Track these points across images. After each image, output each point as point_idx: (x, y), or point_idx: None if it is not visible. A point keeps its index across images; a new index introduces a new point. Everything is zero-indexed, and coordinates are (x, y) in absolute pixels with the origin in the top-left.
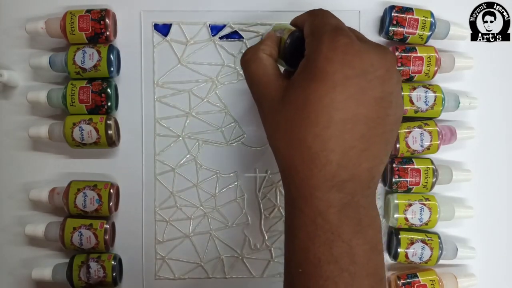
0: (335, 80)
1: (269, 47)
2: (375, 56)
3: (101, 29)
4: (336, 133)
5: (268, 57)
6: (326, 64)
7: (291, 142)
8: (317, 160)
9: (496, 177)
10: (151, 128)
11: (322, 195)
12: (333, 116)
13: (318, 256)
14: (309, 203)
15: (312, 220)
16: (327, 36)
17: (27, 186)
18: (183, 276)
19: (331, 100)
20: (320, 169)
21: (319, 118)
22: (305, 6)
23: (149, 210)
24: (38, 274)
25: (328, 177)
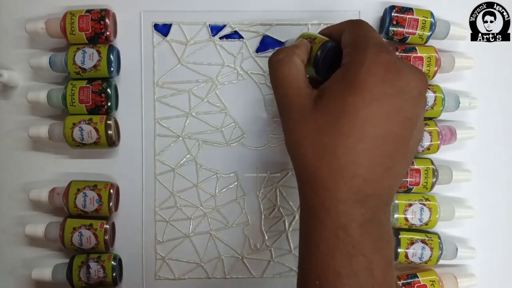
0: (373, 95)
1: (303, 54)
2: (412, 77)
3: (101, 29)
4: (367, 147)
5: (301, 63)
6: (367, 77)
7: (320, 152)
8: (345, 172)
9: (496, 177)
10: (151, 128)
11: (345, 209)
12: (366, 130)
13: (338, 269)
14: (332, 216)
15: (334, 233)
16: (372, 50)
17: (27, 186)
18: (183, 276)
19: (367, 114)
20: (346, 182)
21: (353, 130)
22: (305, 6)
23: (149, 210)
24: (38, 274)
25: (354, 191)
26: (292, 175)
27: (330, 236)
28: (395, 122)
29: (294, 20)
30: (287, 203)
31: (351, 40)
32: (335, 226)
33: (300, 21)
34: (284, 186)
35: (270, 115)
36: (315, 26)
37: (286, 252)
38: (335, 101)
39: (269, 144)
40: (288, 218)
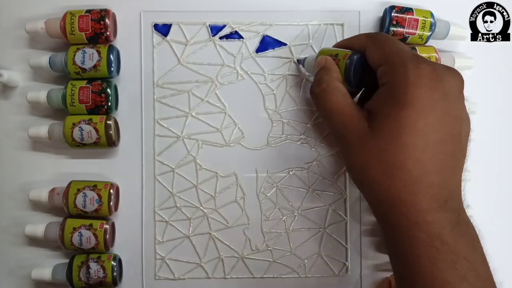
0: (424, 105)
1: (338, 74)
2: (451, 78)
3: (101, 29)
4: (433, 154)
5: (342, 86)
6: (414, 90)
7: (389, 170)
8: (420, 184)
9: (496, 178)
10: (151, 129)
11: (433, 218)
12: (429, 138)
13: (447, 279)
14: (423, 229)
15: (431, 245)
16: (412, 65)
17: (26, 186)
18: (183, 277)
19: (425, 124)
20: (425, 192)
21: (416, 142)
22: (305, 6)
23: (149, 211)
24: (38, 274)
25: (434, 199)
26: (292, 175)
27: (429, 249)
28: (448, 123)
29: (294, 20)
30: (287, 203)
31: (383, 58)
32: (430, 237)
33: (300, 21)
34: (284, 186)
35: (270, 115)
36: (315, 27)
37: (287, 252)
38: (390, 119)
39: (269, 144)
40: (288, 218)
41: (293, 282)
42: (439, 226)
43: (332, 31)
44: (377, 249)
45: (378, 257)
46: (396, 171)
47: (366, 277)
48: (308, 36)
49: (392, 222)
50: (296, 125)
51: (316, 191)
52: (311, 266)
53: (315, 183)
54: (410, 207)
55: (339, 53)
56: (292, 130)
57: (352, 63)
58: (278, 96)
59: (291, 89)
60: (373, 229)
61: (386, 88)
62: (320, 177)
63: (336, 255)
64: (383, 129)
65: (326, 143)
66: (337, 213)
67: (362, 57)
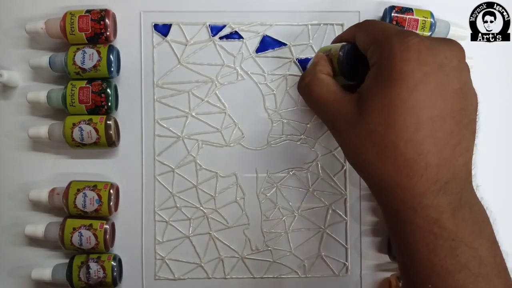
0: (415, 80)
1: (325, 67)
2: (446, 48)
3: (101, 30)
4: (427, 133)
5: (327, 77)
6: (403, 65)
7: (382, 153)
8: (415, 165)
9: (496, 178)
10: (151, 129)
11: (431, 202)
12: (421, 116)
13: (446, 267)
14: (420, 214)
15: (429, 230)
16: (397, 38)
17: (27, 186)
18: (183, 277)
19: (416, 100)
20: (421, 174)
21: (408, 121)
22: (305, 7)
23: (149, 211)
24: (38, 274)
25: (432, 181)
26: (292, 175)
27: (427, 235)
28: (446, 97)
29: (294, 20)
30: (287, 203)
31: (369, 39)
32: (427, 223)
33: (300, 22)
34: (284, 186)
35: (270, 115)
36: (315, 27)
37: (287, 252)
38: (379, 99)
39: (269, 144)
40: (288, 218)
41: (293, 282)
42: (438, 210)
43: (332, 31)
44: (377, 249)
45: (378, 257)
46: (388, 153)
47: (366, 277)
48: (308, 36)
49: (389, 207)
50: (296, 125)
51: (316, 191)
52: (311, 266)
53: (315, 183)
54: (406, 191)
55: (332, 48)
56: (292, 130)
57: (344, 53)
58: (278, 96)
59: (291, 89)
60: (373, 229)
61: (375, 68)
62: (320, 177)
63: (336, 255)
64: (372, 110)
65: (326, 142)
66: (337, 213)
67: (354, 46)
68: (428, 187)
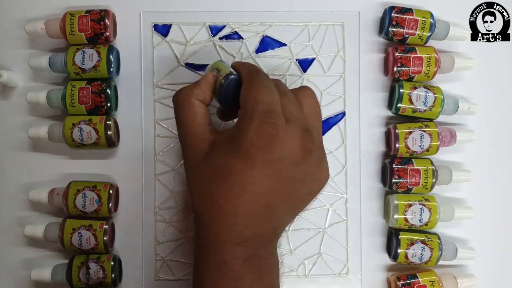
0: (254, 162)
1: (203, 92)
2: (296, 144)
3: (100, 30)
4: (245, 201)
5: (200, 104)
6: (249, 147)
7: (205, 199)
8: (226, 220)
9: (496, 178)
10: (151, 129)
11: (228, 249)
12: (247, 188)
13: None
14: (215, 254)
15: (218, 268)
16: (256, 121)
17: (26, 187)
18: (183, 277)
19: (248, 176)
20: (228, 227)
21: (234, 187)
22: (304, 7)
23: (149, 211)
24: (38, 275)
25: (235, 235)
26: None
27: (214, 271)
28: (276, 182)
29: (293, 20)
30: None
31: (243, 101)
32: (218, 262)
33: (300, 22)
34: None
35: None
36: (315, 27)
37: (286, 252)
38: (221, 158)
39: None
40: None
41: (293, 282)
42: (231, 256)
43: (332, 31)
44: (377, 249)
45: (378, 257)
46: (209, 202)
47: (366, 277)
48: (308, 36)
49: (197, 238)
50: None
51: None
52: (311, 266)
53: None
54: (212, 234)
55: (222, 69)
56: None
57: (225, 84)
58: None
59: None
60: (373, 229)
61: (233, 131)
62: None
63: (336, 255)
64: (213, 164)
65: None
66: (337, 214)
67: (237, 81)
68: (231, 239)
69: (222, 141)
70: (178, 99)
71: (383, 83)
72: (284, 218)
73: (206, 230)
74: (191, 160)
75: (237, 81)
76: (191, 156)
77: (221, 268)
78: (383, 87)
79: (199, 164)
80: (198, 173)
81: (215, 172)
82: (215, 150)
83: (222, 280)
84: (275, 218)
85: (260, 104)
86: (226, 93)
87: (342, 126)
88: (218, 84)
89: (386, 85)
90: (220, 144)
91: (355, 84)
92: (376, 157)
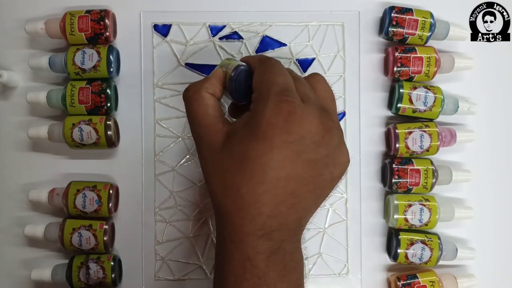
0: (274, 143)
1: (213, 86)
2: (315, 122)
3: (100, 30)
4: (269, 188)
5: (210, 97)
6: (267, 127)
7: (226, 190)
8: (249, 210)
9: (496, 178)
10: (151, 129)
11: (252, 242)
12: (268, 174)
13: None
14: (239, 248)
15: (241, 264)
16: (272, 100)
17: (26, 187)
18: (182, 277)
19: (268, 159)
20: (251, 219)
21: (255, 174)
22: (304, 7)
23: (148, 211)
24: (38, 275)
25: (259, 226)
26: None
27: (238, 267)
28: (297, 165)
29: (293, 20)
30: None
31: (257, 84)
32: (242, 258)
33: (300, 22)
34: None
35: None
36: (315, 27)
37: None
38: (239, 145)
39: None
40: None
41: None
42: (255, 251)
43: (332, 31)
44: (377, 249)
45: (378, 257)
46: (231, 192)
47: (366, 277)
48: (308, 36)
49: (219, 234)
50: None
51: None
52: (311, 266)
53: None
54: (235, 227)
55: (230, 64)
56: None
57: (235, 75)
58: None
59: None
60: (373, 229)
61: (249, 115)
62: None
63: (336, 255)
64: (231, 152)
65: None
66: (337, 214)
67: (247, 71)
68: (254, 231)
69: (238, 129)
70: (188, 94)
71: (383, 83)
72: (308, 208)
73: (228, 223)
74: (207, 152)
75: (247, 71)
76: (206, 148)
77: (244, 264)
78: (383, 87)
79: (216, 155)
80: (216, 163)
81: (234, 159)
82: (232, 138)
83: (245, 276)
84: (299, 208)
85: (275, 85)
86: (237, 83)
87: (342, 126)
88: (228, 78)
89: (386, 85)
90: (236, 131)
91: (355, 84)
92: (376, 157)
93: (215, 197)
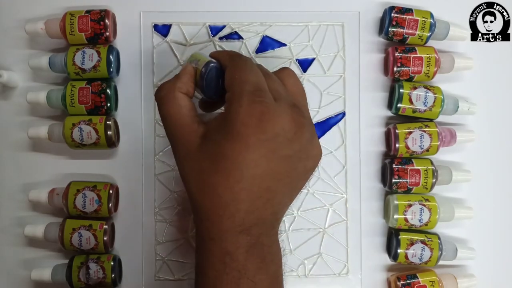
0: (249, 142)
1: (185, 85)
2: (287, 119)
3: (100, 30)
4: (245, 186)
5: (184, 96)
6: (242, 128)
7: (204, 189)
8: (227, 208)
9: (496, 178)
10: (151, 129)
11: (231, 238)
12: (245, 172)
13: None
14: (218, 244)
15: (221, 259)
16: (246, 101)
17: (26, 187)
18: (182, 277)
19: (244, 158)
20: (230, 216)
21: (232, 173)
22: (304, 7)
23: (148, 211)
24: (38, 275)
25: (238, 223)
26: None
27: (218, 263)
28: (272, 161)
29: (293, 20)
30: None
31: (229, 83)
32: (222, 253)
33: (300, 22)
34: None
35: None
36: (315, 27)
37: (286, 252)
38: (215, 145)
39: None
40: (288, 218)
41: (293, 282)
42: (234, 246)
43: (332, 32)
44: (377, 249)
45: (378, 257)
46: (208, 191)
47: (366, 277)
48: (308, 36)
49: (199, 233)
50: None
51: (316, 192)
52: (311, 266)
53: (315, 184)
54: (214, 225)
55: (201, 59)
56: None
57: (206, 72)
58: None
59: None
60: (373, 229)
61: (223, 115)
62: (320, 178)
63: (336, 255)
64: (207, 152)
65: (326, 142)
66: (337, 214)
67: (218, 68)
68: (233, 227)
69: (213, 129)
70: (161, 94)
71: (383, 83)
72: (284, 201)
73: (207, 221)
74: (183, 152)
75: (218, 68)
76: (182, 149)
77: (224, 259)
78: (383, 87)
79: (192, 155)
80: (193, 163)
81: (210, 160)
82: (208, 138)
83: (225, 271)
84: (275, 202)
85: (247, 83)
86: (208, 81)
87: (342, 126)
88: (198, 74)
89: (386, 85)
90: (211, 132)
91: (355, 84)
92: (376, 157)
93: (193, 196)
